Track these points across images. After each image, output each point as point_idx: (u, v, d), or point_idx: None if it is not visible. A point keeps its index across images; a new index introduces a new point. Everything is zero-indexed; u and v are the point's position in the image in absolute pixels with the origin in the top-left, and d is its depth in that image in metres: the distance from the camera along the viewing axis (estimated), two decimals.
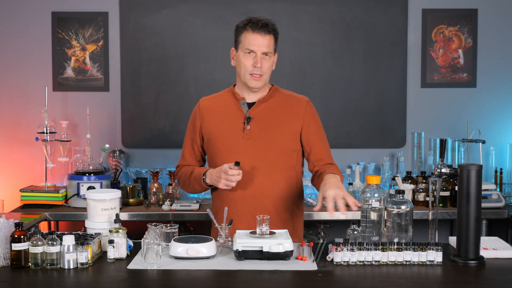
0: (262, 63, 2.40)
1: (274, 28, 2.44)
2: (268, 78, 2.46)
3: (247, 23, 2.42)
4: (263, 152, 2.42)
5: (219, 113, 2.50)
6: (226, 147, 2.44)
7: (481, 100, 4.03)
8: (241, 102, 2.48)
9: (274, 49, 2.46)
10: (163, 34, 3.97)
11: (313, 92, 3.93)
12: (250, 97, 2.49)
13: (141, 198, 3.63)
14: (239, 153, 2.42)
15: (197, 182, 2.47)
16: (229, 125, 2.46)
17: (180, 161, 2.62)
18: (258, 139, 2.43)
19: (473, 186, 2.12)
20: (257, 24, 2.39)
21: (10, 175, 3.97)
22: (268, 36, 2.41)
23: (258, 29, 2.39)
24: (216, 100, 2.55)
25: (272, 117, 2.46)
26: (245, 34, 2.41)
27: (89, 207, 2.35)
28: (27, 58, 3.98)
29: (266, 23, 2.41)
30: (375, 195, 2.23)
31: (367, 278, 1.97)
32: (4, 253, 2.10)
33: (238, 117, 2.46)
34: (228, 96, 2.53)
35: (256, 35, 2.39)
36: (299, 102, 2.51)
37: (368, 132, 4.03)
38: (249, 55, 2.41)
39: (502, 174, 3.85)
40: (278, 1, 3.96)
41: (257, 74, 2.41)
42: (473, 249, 2.13)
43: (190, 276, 2.00)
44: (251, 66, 2.40)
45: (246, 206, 2.44)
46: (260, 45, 2.39)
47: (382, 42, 3.99)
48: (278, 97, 2.51)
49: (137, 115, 4.00)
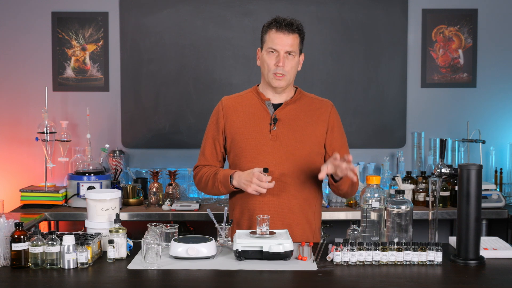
0: (285, 62, 2.38)
1: (299, 28, 2.42)
2: (291, 78, 2.44)
3: (272, 22, 2.41)
4: (290, 154, 2.40)
5: (243, 113, 2.46)
6: (252, 148, 2.41)
7: (481, 100, 4.03)
8: (266, 103, 2.46)
9: (299, 49, 2.44)
10: (163, 34, 3.97)
11: (313, 92, 3.88)
12: (275, 98, 2.47)
13: (141, 198, 3.63)
14: (266, 154, 2.40)
15: (223, 184, 2.40)
16: (254, 125, 2.43)
17: (200, 161, 2.54)
18: (284, 141, 2.41)
19: (473, 186, 2.12)
20: (281, 23, 2.38)
21: (10, 175, 3.97)
22: (292, 36, 2.39)
23: (282, 28, 2.37)
24: (240, 99, 2.51)
25: (299, 119, 2.44)
26: (269, 33, 2.40)
27: (89, 207, 2.35)
28: (27, 58, 3.98)
29: (290, 22, 2.39)
30: (375, 195, 2.23)
31: (367, 278, 1.97)
32: (4, 253, 2.10)
33: (264, 118, 2.44)
34: (252, 96, 2.49)
35: (279, 34, 2.37)
36: (324, 105, 2.51)
37: (368, 132, 4.03)
38: (272, 54, 2.39)
39: (502, 174, 3.85)
40: (278, 1, 3.96)
41: (280, 73, 2.39)
42: (473, 249, 2.13)
43: (190, 276, 2.00)
44: (274, 65, 2.39)
45: (273, 208, 2.40)
46: (284, 44, 2.37)
47: (382, 42, 3.99)
48: (304, 99, 2.50)
49: (137, 115, 4.00)
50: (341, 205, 3.57)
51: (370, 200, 2.23)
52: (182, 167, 3.90)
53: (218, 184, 2.41)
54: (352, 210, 3.50)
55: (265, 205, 2.39)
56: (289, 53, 2.39)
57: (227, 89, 3.87)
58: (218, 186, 2.42)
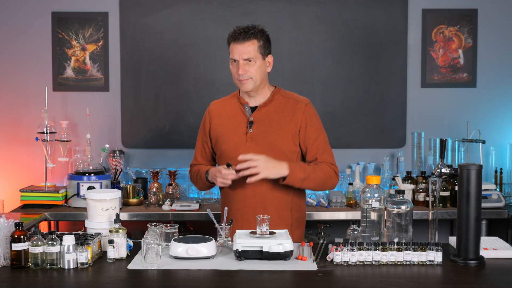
0: (244, 69, 2.50)
1: (254, 33, 2.51)
2: (259, 80, 2.54)
3: (231, 33, 2.54)
4: (263, 154, 2.47)
5: (225, 117, 2.63)
6: (231, 149, 2.56)
7: (481, 100, 4.03)
8: (245, 107, 2.60)
9: (260, 53, 2.53)
10: (163, 34, 3.97)
11: (313, 92, 3.93)
12: (252, 101, 2.61)
13: (141, 198, 3.63)
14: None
15: (201, 180, 2.64)
16: (233, 128, 2.59)
17: (192, 161, 2.77)
18: (259, 142, 2.53)
19: (473, 186, 2.12)
20: (236, 33, 2.51)
21: (10, 175, 3.97)
22: (248, 42, 2.49)
23: (237, 38, 2.50)
24: (224, 104, 2.68)
25: (273, 120, 2.56)
26: (230, 45, 2.54)
27: (89, 207, 2.35)
28: (27, 58, 3.98)
29: (245, 30, 2.50)
30: (375, 195, 2.23)
31: (367, 278, 1.97)
32: (4, 253, 2.10)
33: (242, 121, 2.59)
34: (234, 101, 2.66)
35: (236, 45, 2.51)
36: (299, 104, 2.59)
37: (368, 132, 4.03)
38: (234, 63, 2.54)
39: (502, 174, 3.85)
40: (278, 1, 3.96)
41: (244, 78, 2.51)
42: (473, 249, 2.13)
43: (190, 276, 2.00)
44: (237, 73, 2.53)
45: (246, 205, 2.54)
46: (240, 53, 2.50)
47: (382, 42, 3.99)
48: (279, 100, 2.59)
49: (137, 115, 4.00)
50: (341, 205, 3.57)
51: (370, 200, 2.23)
52: (182, 167, 3.90)
53: (199, 180, 2.66)
54: (352, 210, 3.50)
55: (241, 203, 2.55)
56: (249, 60, 2.50)
57: (227, 89, 3.85)
58: (199, 182, 2.67)
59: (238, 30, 2.51)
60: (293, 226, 2.56)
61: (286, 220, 2.55)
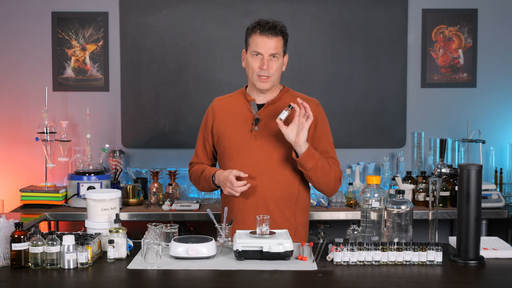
0: (269, 65, 2.43)
1: (282, 30, 2.45)
2: (276, 79, 2.49)
3: (256, 25, 2.45)
4: (267, 153, 2.45)
5: (230, 114, 2.55)
6: (234, 147, 2.49)
7: (481, 100, 4.03)
8: (251, 104, 2.53)
9: (283, 50, 2.48)
10: (163, 34, 3.97)
11: (313, 92, 3.92)
12: (260, 98, 2.54)
13: (141, 198, 3.63)
14: (244, 153, 2.47)
15: (207, 182, 2.54)
16: (238, 125, 2.51)
17: (193, 158, 2.68)
18: (264, 140, 2.47)
19: (473, 186, 2.12)
20: (265, 26, 2.42)
21: (10, 175, 3.97)
22: (276, 38, 2.43)
23: (265, 32, 2.41)
24: (228, 100, 2.60)
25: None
26: (253, 36, 2.44)
27: (89, 207, 2.35)
28: (27, 58, 3.98)
29: (274, 25, 2.43)
30: (375, 195, 2.23)
31: (367, 278, 1.97)
32: (4, 253, 2.10)
33: (247, 118, 2.51)
34: (239, 97, 2.57)
35: (263, 38, 2.42)
36: (309, 104, 2.48)
37: (368, 132, 4.03)
38: (256, 57, 2.45)
39: (502, 174, 3.85)
40: (278, 1, 3.96)
41: (264, 76, 2.44)
42: (473, 249, 2.13)
43: (190, 276, 2.00)
44: (258, 68, 2.44)
45: (248, 206, 2.48)
46: (267, 47, 2.42)
47: (382, 42, 3.99)
48: (287, 99, 2.52)
49: (137, 115, 4.00)
50: (341, 205, 3.57)
51: (370, 200, 2.23)
52: (182, 167, 3.90)
53: (203, 181, 2.56)
54: (352, 210, 3.50)
55: (242, 203, 2.48)
56: (273, 56, 2.44)
57: (227, 89, 3.82)
58: (203, 183, 2.57)
59: (265, 23, 2.42)
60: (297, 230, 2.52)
61: (290, 224, 2.49)
